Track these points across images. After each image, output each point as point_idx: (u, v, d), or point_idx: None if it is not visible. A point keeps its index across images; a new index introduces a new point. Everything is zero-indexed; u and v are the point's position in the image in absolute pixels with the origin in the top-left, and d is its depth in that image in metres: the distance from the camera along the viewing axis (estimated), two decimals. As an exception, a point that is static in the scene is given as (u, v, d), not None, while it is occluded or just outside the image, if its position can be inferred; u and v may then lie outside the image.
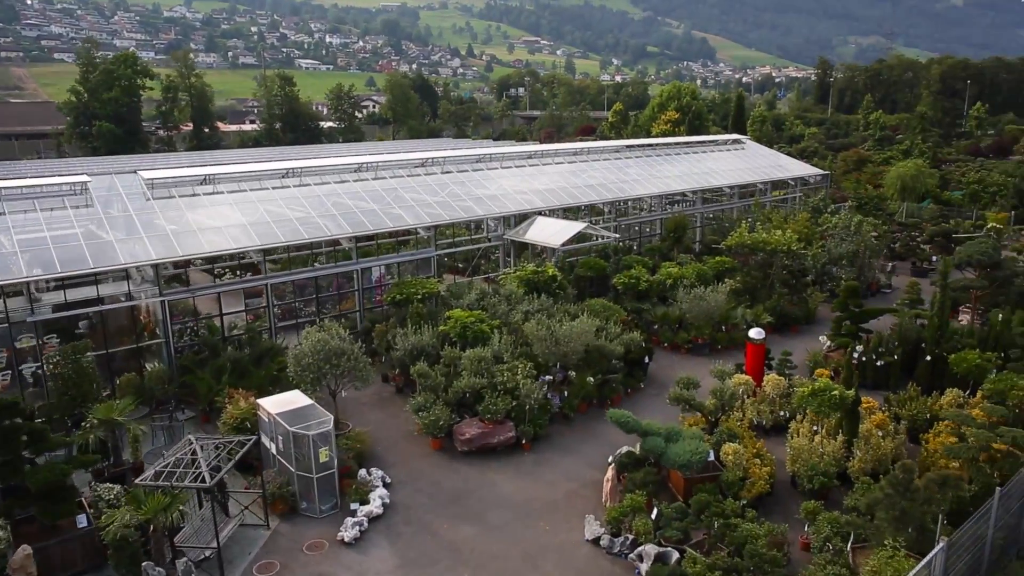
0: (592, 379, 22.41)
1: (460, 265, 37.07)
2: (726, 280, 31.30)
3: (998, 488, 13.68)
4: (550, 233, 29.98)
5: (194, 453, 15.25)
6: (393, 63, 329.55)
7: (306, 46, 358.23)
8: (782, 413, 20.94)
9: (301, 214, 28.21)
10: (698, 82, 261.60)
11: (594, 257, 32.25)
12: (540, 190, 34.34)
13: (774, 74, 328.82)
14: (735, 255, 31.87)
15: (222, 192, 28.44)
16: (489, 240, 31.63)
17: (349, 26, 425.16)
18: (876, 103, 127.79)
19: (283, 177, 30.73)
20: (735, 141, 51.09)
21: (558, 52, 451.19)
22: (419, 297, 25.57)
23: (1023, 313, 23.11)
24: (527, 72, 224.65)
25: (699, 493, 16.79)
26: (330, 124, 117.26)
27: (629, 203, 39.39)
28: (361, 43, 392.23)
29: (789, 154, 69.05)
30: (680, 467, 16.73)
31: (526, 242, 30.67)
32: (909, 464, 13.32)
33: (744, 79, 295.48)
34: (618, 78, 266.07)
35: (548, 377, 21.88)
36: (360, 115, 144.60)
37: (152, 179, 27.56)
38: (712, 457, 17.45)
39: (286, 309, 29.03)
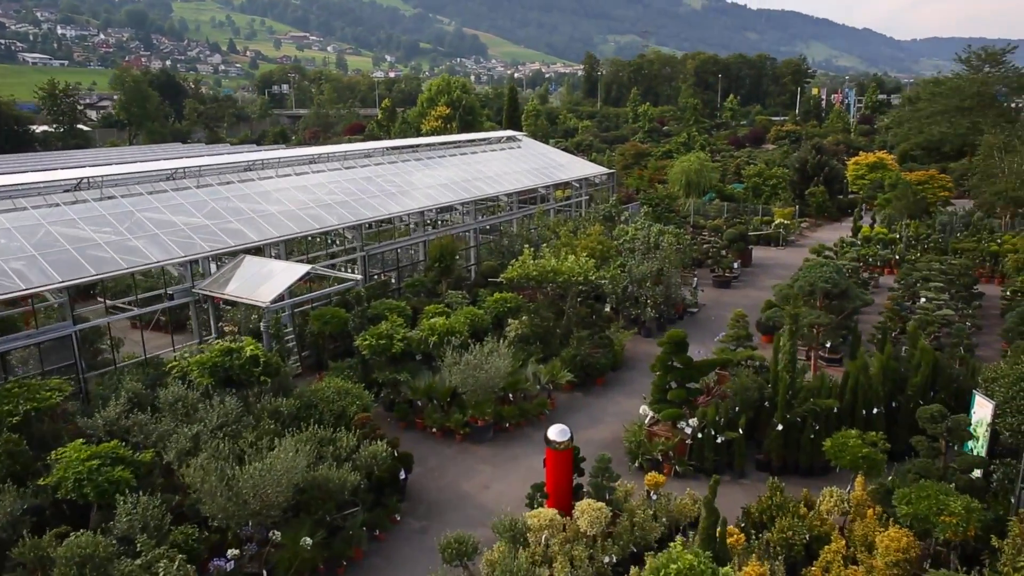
0: (310, 539, 13.71)
1: (162, 319, 26.66)
2: (510, 322, 23.98)
3: None
4: (260, 282, 20.70)
5: None
6: (143, 59, 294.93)
7: (32, 37, 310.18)
8: (607, 559, 13.67)
9: None
10: (472, 78, 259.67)
11: (333, 307, 23.46)
12: (254, 217, 24.77)
13: (544, 70, 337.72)
14: (519, 289, 24.67)
15: None
16: (171, 296, 21.56)
17: (87, 16, 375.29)
18: (641, 96, 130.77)
19: None
20: (510, 138, 44.47)
21: (329, 48, 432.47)
22: (17, 418, 15.24)
23: (882, 357, 17.88)
24: (292, 68, 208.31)
25: None
26: (45, 128, 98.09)
27: (389, 222, 31.07)
28: (102, 36, 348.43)
29: (566, 149, 64.68)
30: None
31: (226, 298, 21.08)
32: None
33: (516, 75, 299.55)
34: (392, 75, 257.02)
35: (230, 556, 12.87)
36: (93, 116, 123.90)
37: None
38: None
39: None
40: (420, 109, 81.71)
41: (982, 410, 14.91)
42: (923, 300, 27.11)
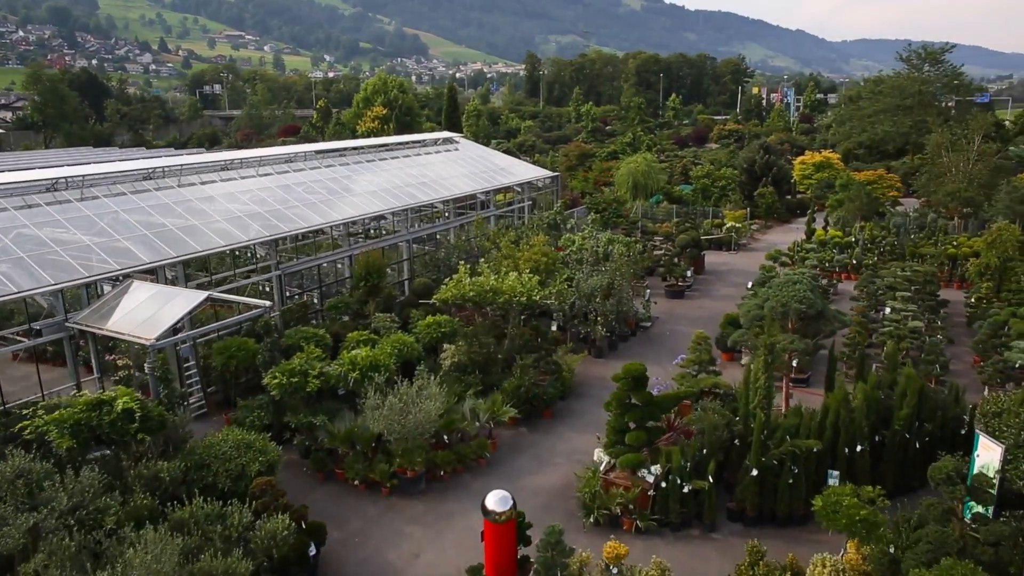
0: (185, 655, 10.80)
1: (49, 350, 23.05)
2: (445, 348, 21.33)
3: None
4: (148, 313, 17.52)
5: None
6: (67, 57, 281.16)
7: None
8: (559, 660, 11.14)
9: None
10: (413, 78, 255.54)
11: (243, 335, 20.38)
12: (146, 234, 21.43)
13: (485, 70, 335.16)
14: (456, 310, 21.98)
15: None
16: (39, 332, 18.19)
17: (3, 12, 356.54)
18: (584, 95, 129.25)
19: None
20: (447, 140, 41.68)
21: (265, 48, 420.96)
22: None
23: (865, 387, 15.79)
24: (226, 67, 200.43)
25: None
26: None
27: (317, 234, 28.02)
28: (22, 33, 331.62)
29: (508, 150, 62.31)
30: None
31: (105, 334, 17.79)
32: None
33: (457, 75, 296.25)
34: (331, 75, 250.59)
35: None
36: (8, 118, 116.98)
37: None
38: None
39: None
40: (356, 110, 78.05)
41: (988, 454, 12.87)
42: (888, 311, 25.48)
